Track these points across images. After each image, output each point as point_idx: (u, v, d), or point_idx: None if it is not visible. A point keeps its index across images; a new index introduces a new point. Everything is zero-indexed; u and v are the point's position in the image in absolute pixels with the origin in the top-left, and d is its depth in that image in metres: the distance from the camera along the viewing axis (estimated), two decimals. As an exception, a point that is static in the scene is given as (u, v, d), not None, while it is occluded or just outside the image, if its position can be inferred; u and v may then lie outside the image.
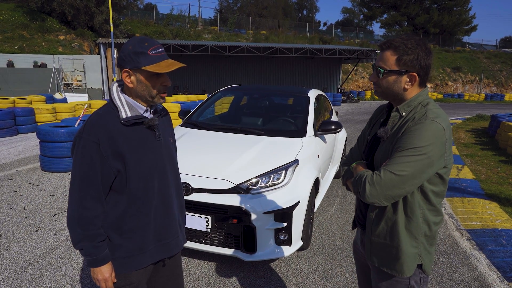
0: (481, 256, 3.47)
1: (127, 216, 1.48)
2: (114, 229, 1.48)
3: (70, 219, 1.43)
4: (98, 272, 1.46)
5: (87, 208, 1.41)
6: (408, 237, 1.44)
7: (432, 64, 1.47)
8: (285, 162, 3.19)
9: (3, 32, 20.66)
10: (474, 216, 4.45)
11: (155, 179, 1.53)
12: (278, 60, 28.22)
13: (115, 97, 1.47)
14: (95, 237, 1.43)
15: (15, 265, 3.07)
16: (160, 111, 1.60)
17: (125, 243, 1.50)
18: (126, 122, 1.43)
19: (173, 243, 1.64)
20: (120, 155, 1.42)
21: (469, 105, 27.76)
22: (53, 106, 10.85)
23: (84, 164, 1.40)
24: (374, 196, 1.36)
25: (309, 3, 58.81)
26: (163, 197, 1.57)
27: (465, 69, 38.22)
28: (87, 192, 1.41)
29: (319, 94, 4.94)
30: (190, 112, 4.54)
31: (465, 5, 43.76)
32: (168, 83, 1.47)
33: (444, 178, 1.43)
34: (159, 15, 33.82)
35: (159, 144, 1.55)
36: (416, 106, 1.45)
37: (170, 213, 1.61)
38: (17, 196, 4.78)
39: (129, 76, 1.43)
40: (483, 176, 6.43)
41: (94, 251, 1.43)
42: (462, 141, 10.42)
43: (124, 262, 1.51)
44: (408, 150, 1.33)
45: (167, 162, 1.59)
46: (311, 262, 3.26)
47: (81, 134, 1.41)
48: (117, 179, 1.45)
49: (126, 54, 1.41)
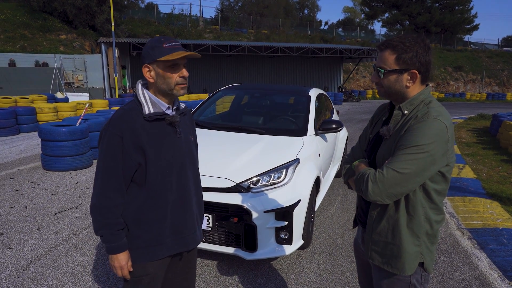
0: (482, 255, 3.47)
1: (145, 208, 1.55)
2: (133, 220, 1.55)
3: (93, 207, 1.52)
4: (115, 259, 1.53)
5: (108, 197, 1.49)
6: (410, 236, 1.44)
7: (432, 60, 1.48)
8: (286, 161, 3.20)
9: (5, 31, 20.71)
10: (475, 215, 4.45)
11: (173, 174, 1.58)
12: (279, 59, 28.22)
13: (140, 94, 1.55)
14: (114, 225, 1.51)
15: (17, 263, 3.08)
16: (182, 110, 1.67)
17: (143, 234, 1.56)
18: (148, 118, 1.51)
19: (190, 238, 1.69)
20: (141, 148, 1.49)
21: (470, 105, 27.70)
22: (55, 105, 10.88)
23: (108, 156, 1.49)
24: (376, 194, 1.36)
25: (310, 2, 58.74)
26: (181, 192, 1.62)
27: (467, 68, 38.15)
28: (109, 183, 1.49)
29: (320, 93, 4.94)
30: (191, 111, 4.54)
31: (467, 4, 43.65)
32: (185, 73, 1.54)
33: (446, 176, 1.43)
34: (160, 15, 33.85)
35: (179, 141, 1.61)
36: (419, 104, 1.45)
37: (188, 208, 1.66)
38: (18, 194, 4.79)
39: (149, 71, 1.51)
40: (485, 176, 6.42)
41: (112, 238, 1.51)
42: (463, 140, 10.41)
43: (142, 253, 1.57)
44: (410, 148, 1.33)
45: (187, 158, 1.65)
46: (311, 261, 3.27)
47: (107, 127, 1.50)
48: (137, 172, 1.52)
49: (145, 51, 1.52)
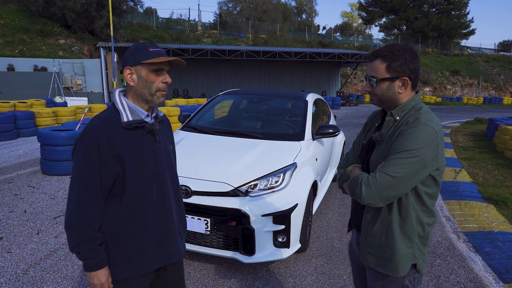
0: (477, 258, 3.51)
1: (125, 221, 1.47)
2: (113, 235, 1.47)
3: (68, 222, 1.42)
4: (95, 276, 1.44)
5: (85, 211, 1.41)
6: (402, 238, 1.49)
7: (420, 67, 1.54)
8: (283, 165, 3.24)
9: (4, 36, 20.76)
10: (470, 219, 4.50)
11: (153, 184, 1.52)
12: (278, 64, 28.34)
13: (117, 101, 1.49)
14: (92, 240, 1.42)
15: (16, 267, 3.11)
16: (160, 118, 1.62)
17: (123, 249, 1.49)
18: (127, 126, 1.45)
19: (173, 250, 1.62)
20: (119, 158, 1.42)
21: (467, 109, 27.86)
22: (54, 109, 10.90)
23: (84, 166, 1.41)
24: (370, 197, 1.41)
25: (308, 7, 59.09)
26: (162, 203, 1.56)
27: (464, 73, 38.38)
28: (86, 195, 1.41)
29: (317, 98, 5.00)
30: (189, 116, 4.59)
31: (463, 9, 43.99)
32: (168, 79, 1.50)
33: (437, 180, 1.48)
34: (159, 19, 33.98)
35: (159, 150, 1.55)
36: (409, 110, 1.51)
37: (169, 219, 1.59)
38: (18, 199, 4.81)
39: (131, 74, 1.47)
40: (480, 179, 6.48)
41: (91, 255, 1.42)
42: (460, 144, 10.48)
43: (123, 269, 1.50)
44: (402, 152, 1.39)
45: (166, 168, 1.59)
46: (309, 264, 3.30)
47: (82, 136, 1.43)
48: (116, 183, 1.45)
49: (128, 54, 1.49)
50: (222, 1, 45.70)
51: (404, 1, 43.02)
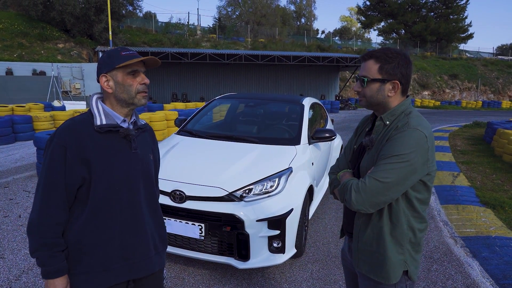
0: (475, 263, 3.49)
1: (89, 228, 1.41)
2: (75, 242, 1.41)
3: (30, 225, 1.37)
4: (51, 285, 1.38)
5: (48, 214, 1.36)
6: (393, 244, 1.47)
7: (411, 74, 1.53)
8: (278, 169, 3.22)
9: (3, 40, 20.79)
10: (468, 223, 4.47)
11: (124, 192, 1.46)
12: (276, 68, 28.41)
13: (93, 105, 1.48)
14: (53, 246, 1.36)
15: (9, 273, 3.07)
16: (141, 125, 1.58)
17: (86, 257, 1.41)
18: (99, 129, 1.42)
19: (142, 264, 1.52)
20: (86, 161, 1.38)
21: (466, 112, 27.91)
22: (51, 113, 10.87)
23: (50, 168, 1.37)
24: (359, 203, 1.39)
25: (307, 12, 59.36)
26: (132, 212, 1.48)
27: (462, 77, 38.50)
28: (50, 198, 1.36)
29: (314, 102, 4.99)
30: (186, 120, 4.57)
31: (461, 13, 44.26)
32: (146, 80, 1.48)
33: (428, 185, 1.46)
34: (158, 24, 34.09)
35: (134, 157, 1.50)
36: (399, 115, 1.50)
37: (141, 230, 1.51)
38: (13, 204, 4.78)
39: (107, 81, 1.45)
40: (479, 183, 6.46)
41: (50, 261, 1.36)
42: (458, 148, 10.47)
43: (85, 279, 1.42)
44: (391, 157, 1.37)
45: (141, 177, 1.52)
46: (305, 270, 3.27)
47: (52, 138, 1.41)
48: (82, 188, 1.41)
49: (101, 61, 1.48)
50: (221, 5, 45.98)
51: (403, 6, 43.26)
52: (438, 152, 9.38)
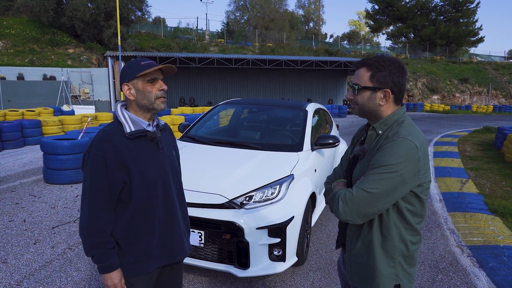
0: (481, 274, 3.40)
1: (133, 223, 1.59)
2: (122, 237, 1.59)
3: (82, 229, 1.54)
4: (108, 278, 1.56)
5: (97, 217, 1.52)
6: (384, 257, 1.43)
7: (405, 83, 1.50)
8: (279, 176, 3.19)
9: (15, 46, 21.19)
10: (475, 232, 4.38)
11: (158, 188, 1.63)
12: (284, 72, 28.41)
13: (119, 114, 1.61)
14: (104, 244, 1.54)
15: (10, 279, 3.09)
16: (162, 126, 1.73)
17: (132, 249, 1.60)
18: (130, 136, 1.56)
19: (179, 249, 1.73)
20: (125, 166, 1.54)
21: (476, 117, 27.51)
22: (60, 118, 11.02)
23: (93, 177, 1.53)
24: (347, 213, 1.37)
25: (315, 16, 59.38)
26: (167, 206, 1.66)
27: (473, 81, 38.01)
28: (96, 203, 1.53)
29: (318, 108, 4.95)
30: (189, 125, 4.58)
31: (472, 17, 43.80)
32: (164, 87, 1.62)
33: (421, 197, 1.42)
34: (167, 29, 34.41)
35: (162, 156, 1.66)
36: (392, 124, 1.47)
37: (175, 221, 1.70)
38: (18, 208, 4.83)
39: (129, 89, 1.59)
40: (487, 190, 6.33)
41: (104, 258, 1.54)
42: (467, 154, 10.30)
43: (132, 268, 1.61)
44: (379, 167, 1.34)
45: (170, 172, 1.69)
46: (306, 278, 3.23)
47: (89, 149, 1.56)
48: (123, 190, 1.57)
49: (123, 72, 1.62)
50: (230, 10, 46.22)
51: (412, 9, 42.98)
52: (447, 158, 9.24)
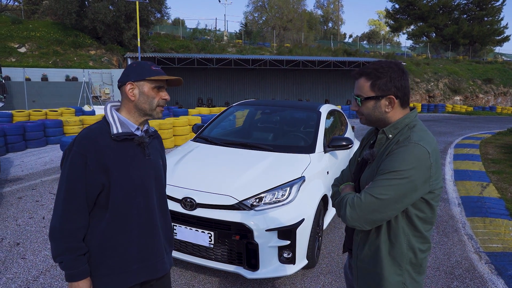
0: (499, 282, 3.29)
1: (110, 232, 1.48)
2: (97, 246, 1.48)
3: (53, 231, 1.43)
4: (75, 287, 1.44)
5: (70, 220, 1.42)
6: (391, 264, 1.39)
7: (408, 84, 1.46)
8: (290, 178, 3.18)
9: (40, 48, 21.89)
10: (495, 238, 4.23)
11: (140, 197, 1.53)
12: (301, 72, 28.25)
13: (108, 114, 1.53)
14: (75, 250, 1.43)
15: (28, 274, 3.19)
16: (151, 132, 1.65)
17: (107, 260, 1.48)
18: (116, 138, 1.48)
19: (159, 265, 1.61)
20: (105, 168, 1.44)
21: (501, 119, 26.60)
22: (81, 118, 11.32)
23: (70, 176, 1.43)
24: (354, 219, 1.34)
25: (334, 16, 58.80)
26: (147, 216, 1.56)
27: (497, 81, 36.75)
28: (71, 204, 1.42)
29: (333, 109, 4.90)
30: (203, 126, 4.61)
31: (497, 15, 42.38)
32: (167, 97, 1.57)
33: (431, 204, 1.38)
34: (186, 30, 34.79)
35: (148, 163, 1.57)
36: (403, 128, 1.43)
37: (156, 233, 1.59)
38: (38, 205, 4.99)
39: (133, 89, 1.51)
40: (509, 195, 6.10)
41: (73, 264, 1.43)
42: (490, 156, 9.97)
43: (105, 281, 1.49)
44: (390, 173, 1.31)
45: (154, 182, 1.60)
46: (317, 281, 3.20)
47: (71, 147, 1.47)
48: (101, 194, 1.47)
49: (130, 70, 1.54)
50: (248, 11, 46.35)
51: (433, 8, 41.94)
52: (467, 161, 8.97)
